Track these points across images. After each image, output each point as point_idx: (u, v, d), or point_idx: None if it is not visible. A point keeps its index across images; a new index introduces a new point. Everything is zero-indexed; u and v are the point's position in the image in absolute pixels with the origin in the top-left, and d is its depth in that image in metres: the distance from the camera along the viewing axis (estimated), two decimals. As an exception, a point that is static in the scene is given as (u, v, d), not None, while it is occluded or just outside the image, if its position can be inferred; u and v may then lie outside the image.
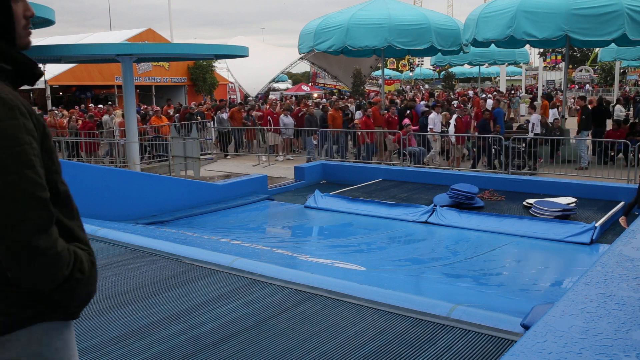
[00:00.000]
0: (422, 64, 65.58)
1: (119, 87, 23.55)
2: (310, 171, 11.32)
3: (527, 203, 8.34)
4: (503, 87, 36.19)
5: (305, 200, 9.40)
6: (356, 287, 4.27)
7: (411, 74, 56.94)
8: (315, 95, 31.62)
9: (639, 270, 2.42)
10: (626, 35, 12.06)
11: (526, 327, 3.25)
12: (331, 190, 9.85)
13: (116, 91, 28.47)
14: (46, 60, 22.74)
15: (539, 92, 31.87)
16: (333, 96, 30.57)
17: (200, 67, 31.40)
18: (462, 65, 40.56)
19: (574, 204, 8.06)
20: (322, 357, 3.30)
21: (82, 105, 27.68)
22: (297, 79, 58.07)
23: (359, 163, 13.28)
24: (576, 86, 46.97)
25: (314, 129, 15.18)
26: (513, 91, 36.66)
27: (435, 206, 8.24)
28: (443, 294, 5.12)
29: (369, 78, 37.38)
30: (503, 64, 32.49)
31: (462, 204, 8.33)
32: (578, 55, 57.42)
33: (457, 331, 3.58)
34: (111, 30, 39.46)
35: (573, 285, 2.32)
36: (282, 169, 13.51)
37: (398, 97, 26.08)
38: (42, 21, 16.28)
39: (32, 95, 31.12)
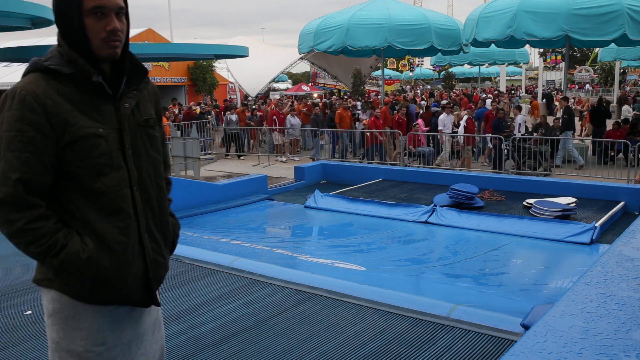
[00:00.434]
0: (422, 64, 65.57)
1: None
2: (310, 171, 11.31)
3: (527, 203, 8.33)
4: (503, 87, 36.17)
5: (305, 200, 9.40)
6: (356, 287, 4.28)
7: (411, 74, 56.91)
8: (315, 95, 31.59)
9: (639, 270, 2.42)
10: (626, 35, 12.06)
11: (526, 327, 3.25)
12: (331, 190, 9.85)
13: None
14: (46, 60, 22.83)
15: (539, 92, 31.85)
16: (333, 96, 30.57)
17: (200, 67, 31.40)
18: (462, 65, 40.57)
19: (574, 204, 8.06)
20: (322, 357, 3.30)
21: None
22: (297, 79, 58.07)
23: (359, 163, 13.27)
24: (576, 86, 46.96)
25: (321, 129, 15.06)
26: (513, 91, 36.66)
27: (435, 206, 8.24)
28: (443, 294, 5.12)
29: (369, 78, 37.36)
30: (503, 64, 32.49)
31: (462, 204, 8.33)
32: (578, 55, 57.41)
33: (457, 331, 3.58)
34: (111, 30, 39.37)
35: (573, 285, 2.33)
36: (282, 169, 13.51)
37: (398, 97, 26.07)
38: (43, 21, 16.29)
39: (32, 95, 31.13)
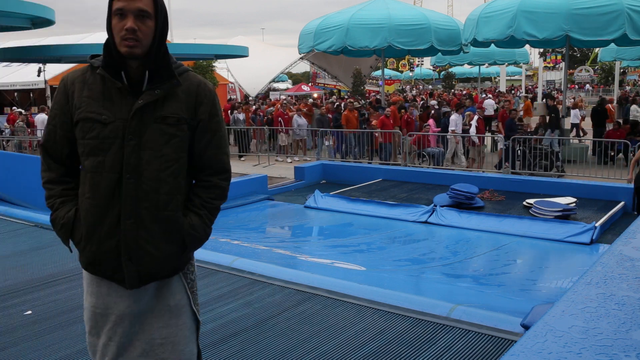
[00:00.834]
0: (422, 64, 65.58)
1: (119, 87, 23.46)
2: (310, 171, 11.32)
3: (527, 203, 8.34)
4: (503, 87, 36.18)
5: (305, 200, 9.40)
6: (356, 287, 4.28)
7: (411, 74, 56.92)
8: (315, 95, 31.58)
9: (639, 270, 2.42)
10: (626, 35, 12.04)
11: (526, 327, 3.25)
12: (331, 190, 9.85)
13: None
14: (46, 60, 22.83)
15: (539, 92, 31.85)
16: (333, 96, 30.56)
17: (200, 67, 31.39)
18: (462, 65, 40.51)
19: (574, 204, 8.06)
20: (322, 357, 3.31)
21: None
22: (297, 79, 58.07)
23: (359, 163, 13.26)
24: (576, 86, 46.96)
25: (327, 130, 14.94)
26: (513, 91, 36.67)
27: (435, 206, 8.24)
28: (443, 294, 5.12)
29: (369, 78, 37.37)
30: (503, 64, 32.45)
31: (462, 204, 8.33)
32: (578, 55, 57.41)
33: (457, 331, 3.58)
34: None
35: (573, 285, 2.32)
36: (282, 169, 13.50)
37: (398, 97, 26.07)
38: (43, 21, 16.30)
39: (32, 95, 31.15)
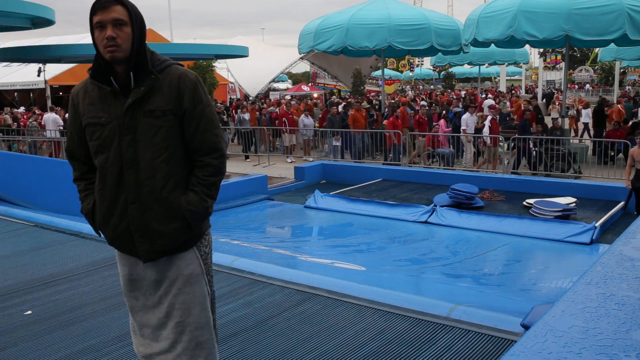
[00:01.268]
0: (422, 64, 65.54)
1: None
2: (310, 171, 11.32)
3: (527, 203, 8.34)
4: (503, 87, 36.18)
5: (305, 200, 9.40)
6: (356, 287, 4.27)
7: (411, 74, 56.87)
8: (315, 95, 31.57)
9: (639, 270, 2.42)
10: (626, 35, 12.04)
11: (526, 327, 3.25)
12: (331, 190, 9.85)
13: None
14: (46, 60, 22.83)
15: (539, 92, 31.85)
16: (333, 96, 30.54)
17: (200, 67, 31.38)
18: (462, 65, 40.50)
19: (574, 204, 8.06)
20: (322, 357, 3.31)
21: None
22: (297, 79, 58.05)
23: (359, 163, 13.25)
24: (576, 86, 46.94)
25: (336, 130, 14.79)
26: (513, 91, 36.66)
27: (435, 206, 8.24)
28: (443, 294, 5.12)
29: (369, 78, 37.36)
30: (503, 64, 32.45)
31: (462, 204, 8.33)
32: (578, 55, 57.38)
33: (457, 331, 3.58)
34: (111, 30, 39.33)
35: (573, 285, 2.32)
36: (282, 169, 13.50)
37: (399, 97, 26.06)
38: (43, 21, 16.30)
39: (32, 95, 31.14)
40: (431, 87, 52.83)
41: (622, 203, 8.31)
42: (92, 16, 2.16)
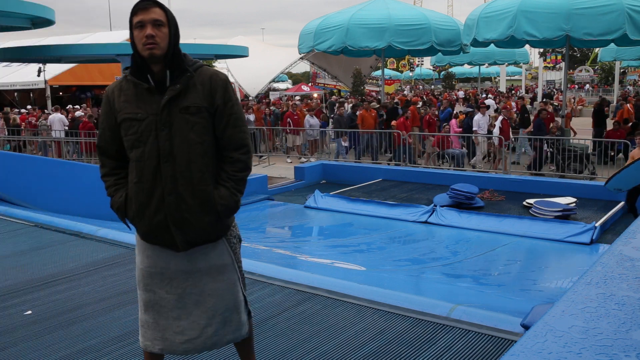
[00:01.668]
0: (422, 64, 65.54)
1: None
2: (310, 171, 11.32)
3: (527, 203, 8.34)
4: (503, 87, 36.19)
5: (305, 200, 9.40)
6: (356, 287, 4.27)
7: (411, 74, 56.86)
8: (315, 95, 31.56)
9: (639, 270, 2.42)
10: (626, 35, 12.04)
11: (526, 327, 3.25)
12: (331, 190, 9.85)
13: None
14: (46, 60, 22.82)
15: (539, 92, 31.85)
16: (333, 96, 30.53)
17: (200, 67, 31.31)
18: (462, 65, 40.55)
19: (574, 204, 8.06)
20: (322, 357, 3.31)
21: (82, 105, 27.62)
22: (297, 79, 58.02)
23: (359, 163, 13.25)
24: (576, 86, 46.94)
25: (344, 130, 14.63)
26: (513, 91, 36.67)
27: (435, 206, 8.24)
28: (443, 294, 5.12)
29: (369, 78, 37.35)
30: (503, 64, 32.49)
31: (462, 204, 8.33)
32: (578, 55, 57.37)
33: (457, 331, 3.58)
34: (111, 30, 39.42)
35: (573, 285, 2.32)
36: (282, 169, 13.50)
37: (398, 97, 26.05)
38: (43, 21, 16.29)
39: (33, 95, 31.13)
40: (431, 87, 52.83)
41: (622, 203, 8.30)
42: (133, 17, 2.31)
